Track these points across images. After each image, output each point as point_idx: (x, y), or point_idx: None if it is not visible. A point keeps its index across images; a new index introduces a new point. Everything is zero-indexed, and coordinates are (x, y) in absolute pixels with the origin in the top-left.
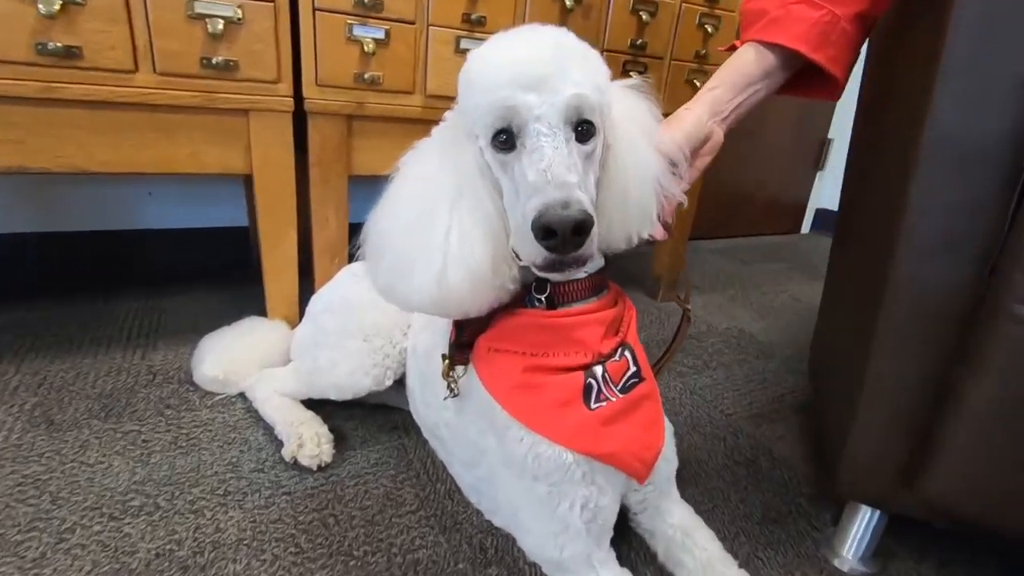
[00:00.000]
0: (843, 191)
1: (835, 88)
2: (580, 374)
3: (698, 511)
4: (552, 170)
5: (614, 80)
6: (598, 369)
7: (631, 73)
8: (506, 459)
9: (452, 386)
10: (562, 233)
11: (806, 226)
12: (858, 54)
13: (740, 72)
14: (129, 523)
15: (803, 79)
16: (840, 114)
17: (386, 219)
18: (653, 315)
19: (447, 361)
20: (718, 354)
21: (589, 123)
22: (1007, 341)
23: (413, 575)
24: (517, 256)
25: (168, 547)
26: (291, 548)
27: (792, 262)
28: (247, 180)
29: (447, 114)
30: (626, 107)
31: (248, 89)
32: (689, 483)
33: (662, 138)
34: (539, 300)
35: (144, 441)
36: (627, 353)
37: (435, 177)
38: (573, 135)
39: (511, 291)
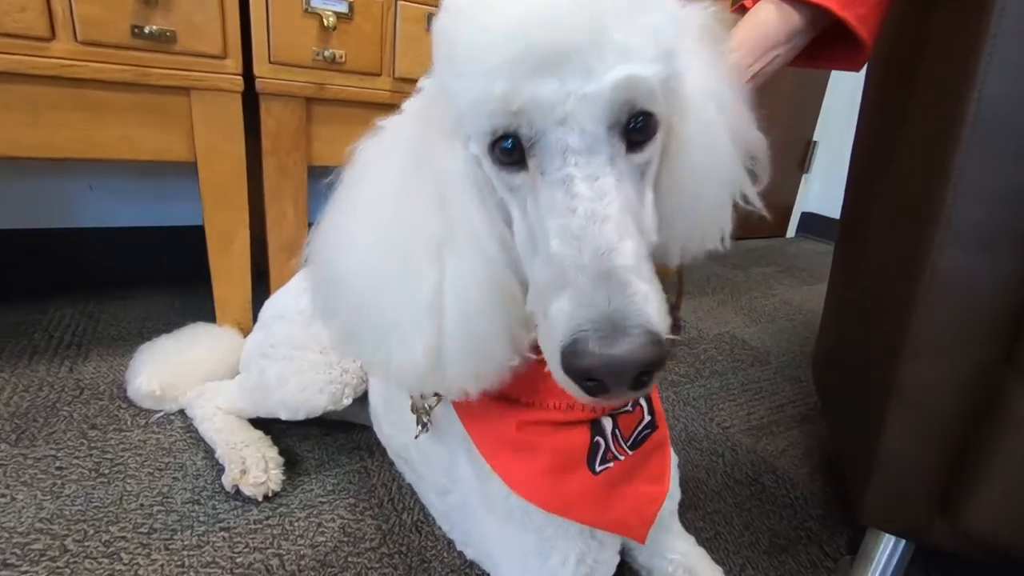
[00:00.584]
0: (847, 194)
1: (860, 54)
2: (585, 430)
3: (700, 539)
4: (589, 237)
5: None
6: (607, 423)
7: None
8: (486, 502)
9: (424, 420)
10: (614, 383)
11: (791, 230)
12: (886, 15)
13: (762, 33)
14: (27, 571)
15: (823, 46)
16: (825, 115)
17: (340, 248)
18: None
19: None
20: (711, 361)
21: (648, 115)
22: None
23: None
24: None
25: None
26: None
27: (780, 265)
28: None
29: (423, 83)
30: (704, 70)
31: (188, 64)
32: (688, 507)
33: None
34: None
35: (59, 468)
36: (642, 402)
37: (408, 194)
38: (624, 145)
39: (527, 359)
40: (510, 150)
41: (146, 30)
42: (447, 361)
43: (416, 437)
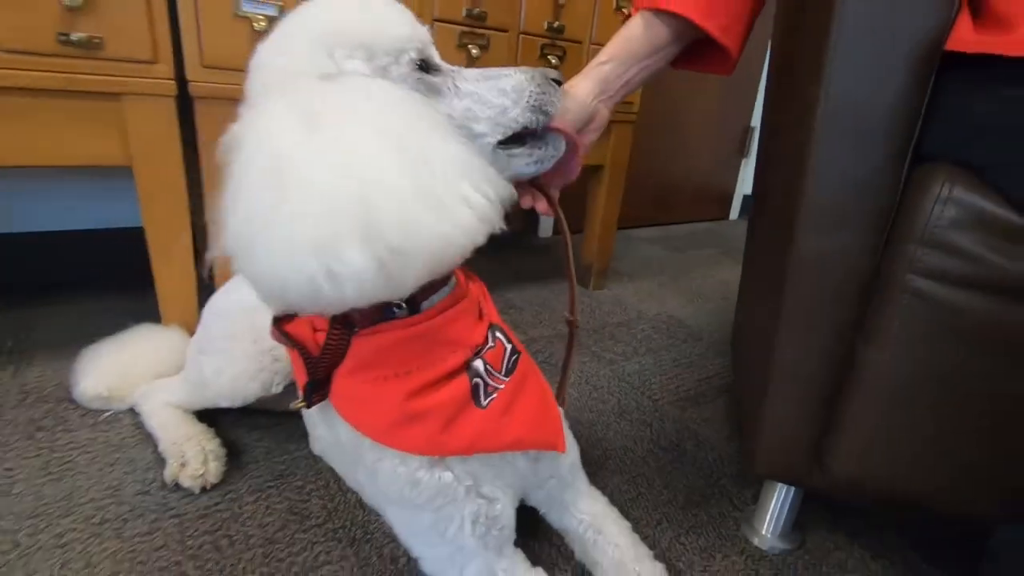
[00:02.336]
0: (755, 176)
1: (727, 61)
2: (464, 379)
3: (622, 499)
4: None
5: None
6: (479, 364)
7: (549, 57)
8: (383, 495)
9: (301, 404)
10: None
11: (734, 212)
12: (751, 26)
13: (630, 45)
14: None
15: (697, 52)
16: (762, 102)
17: (347, 179)
18: (585, 303)
19: (303, 404)
20: (647, 340)
21: None
22: (902, 312)
23: None
24: (514, 140)
25: None
26: None
27: (721, 247)
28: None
29: (264, 76)
30: None
31: (118, 70)
32: (615, 472)
33: None
34: (400, 306)
35: (7, 469)
36: (499, 335)
37: (373, 112)
38: None
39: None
40: (428, 64)
41: (72, 37)
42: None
43: (295, 406)
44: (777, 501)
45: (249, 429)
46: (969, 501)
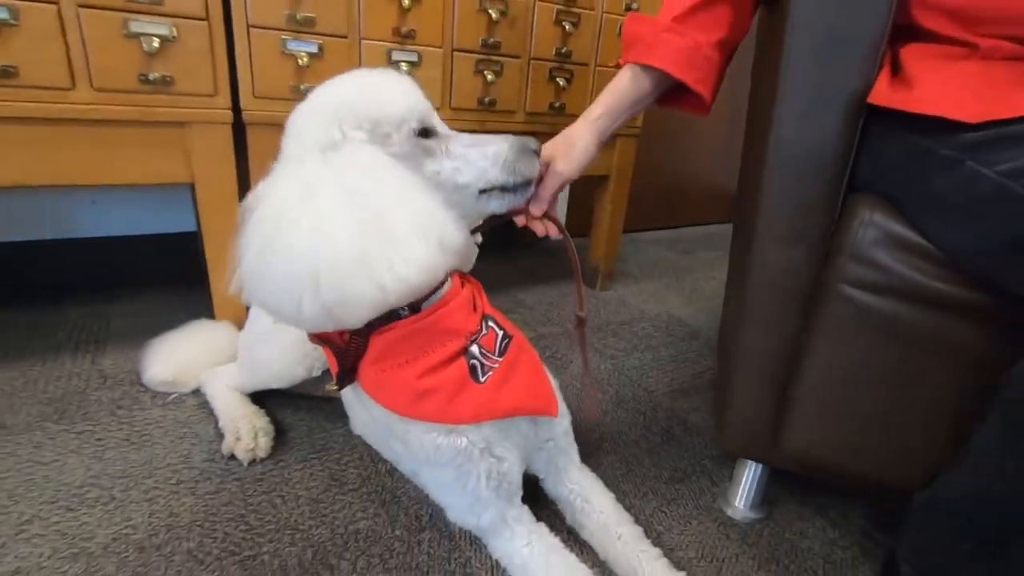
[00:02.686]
0: (736, 197)
1: (703, 105)
2: (462, 361)
3: (615, 475)
4: (483, 137)
5: None
6: (475, 348)
7: (558, 80)
8: (413, 458)
9: (336, 388)
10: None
11: None
12: (723, 75)
13: (619, 98)
14: (86, 513)
15: (678, 95)
16: None
17: (324, 240)
18: (591, 303)
19: (336, 387)
20: (647, 337)
21: None
22: (835, 314)
23: (355, 543)
24: (495, 189)
25: (124, 532)
26: (241, 526)
27: (726, 250)
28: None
29: (290, 142)
30: None
31: (186, 103)
32: (609, 452)
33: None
34: (403, 310)
35: (98, 439)
36: (491, 323)
37: (352, 181)
38: None
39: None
40: (427, 131)
41: (150, 76)
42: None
43: (329, 389)
44: (747, 477)
45: (293, 410)
46: (894, 472)
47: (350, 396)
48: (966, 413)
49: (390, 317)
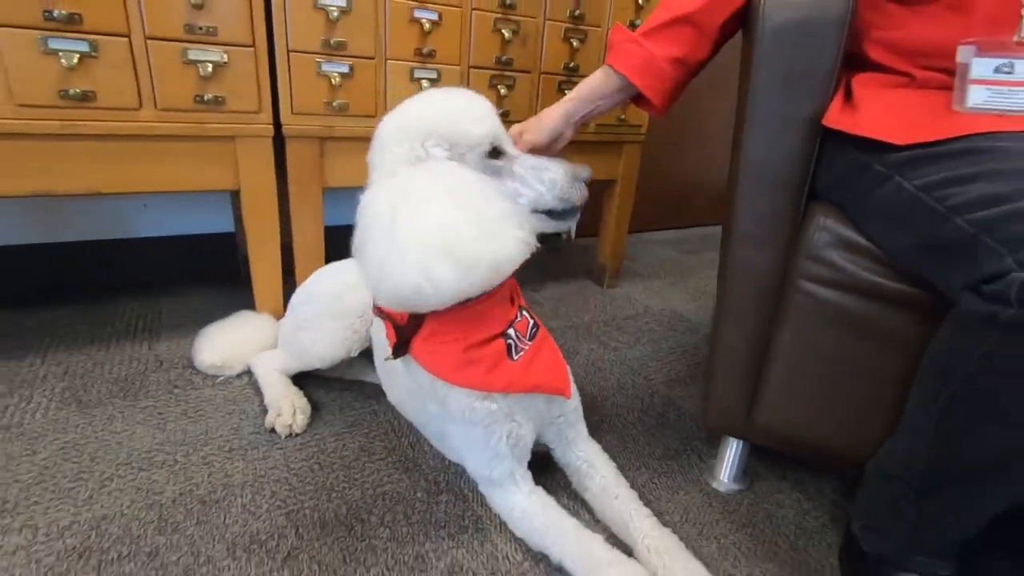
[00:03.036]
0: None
1: (655, 108)
2: (501, 341)
3: (612, 451)
4: (546, 160)
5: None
6: (511, 331)
7: (566, 92)
8: (450, 417)
9: (392, 354)
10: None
11: None
12: (678, 87)
13: (591, 89)
14: (155, 473)
15: (643, 98)
16: None
17: (431, 231)
18: (598, 299)
19: (392, 357)
20: (649, 331)
21: None
22: (796, 307)
23: (382, 502)
24: (544, 213)
25: (188, 488)
26: (285, 487)
27: None
28: (234, 192)
29: (378, 157)
30: None
31: (234, 119)
32: (608, 432)
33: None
34: None
35: (159, 413)
36: (525, 313)
37: (449, 186)
38: None
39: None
40: (497, 152)
41: (205, 97)
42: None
43: (387, 359)
44: (730, 453)
45: (327, 391)
46: (848, 444)
47: (392, 371)
48: (905, 391)
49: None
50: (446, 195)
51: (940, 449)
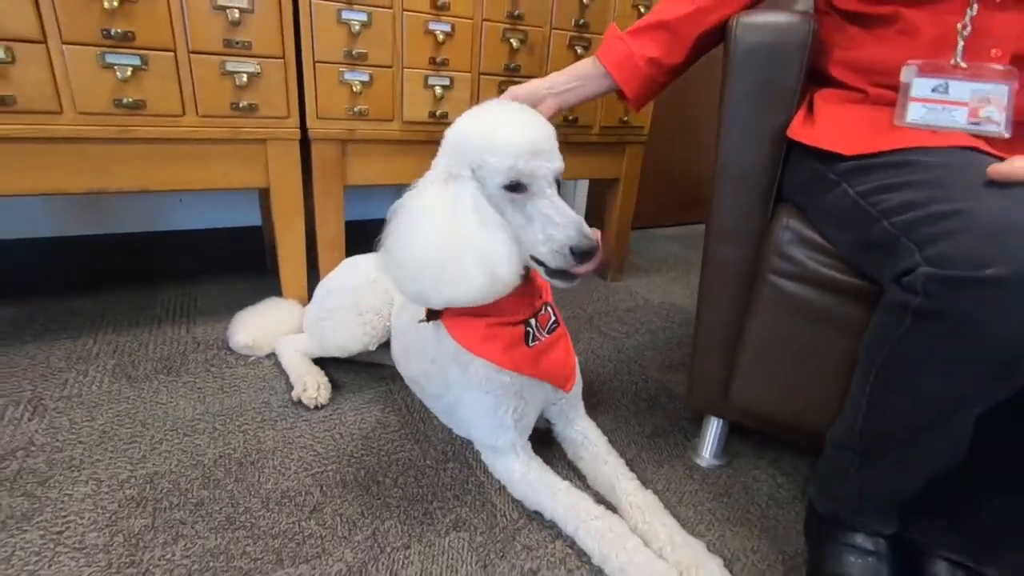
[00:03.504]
0: None
1: (630, 101)
2: (521, 328)
3: (606, 429)
4: (564, 211)
5: None
6: (533, 321)
7: None
8: (467, 384)
9: (427, 319)
10: (580, 251)
11: None
12: (653, 85)
13: (576, 70)
14: (198, 439)
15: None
16: None
17: (419, 243)
18: (601, 292)
19: (426, 320)
20: (648, 323)
21: (559, 182)
22: (765, 297)
23: (395, 467)
24: (537, 261)
25: (227, 452)
26: (310, 452)
27: None
28: (262, 190)
29: (437, 161)
30: None
31: (265, 124)
32: (603, 412)
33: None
34: None
35: (199, 388)
36: (548, 309)
37: (447, 210)
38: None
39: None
40: (514, 187)
41: (240, 104)
42: (500, 278)
43: (420, 321)
44: (711, 431)
45: (346, 372)
46: (810, 419)
47: (411, 351)
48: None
49: None
50: (440, 219)
51: (872, 419)
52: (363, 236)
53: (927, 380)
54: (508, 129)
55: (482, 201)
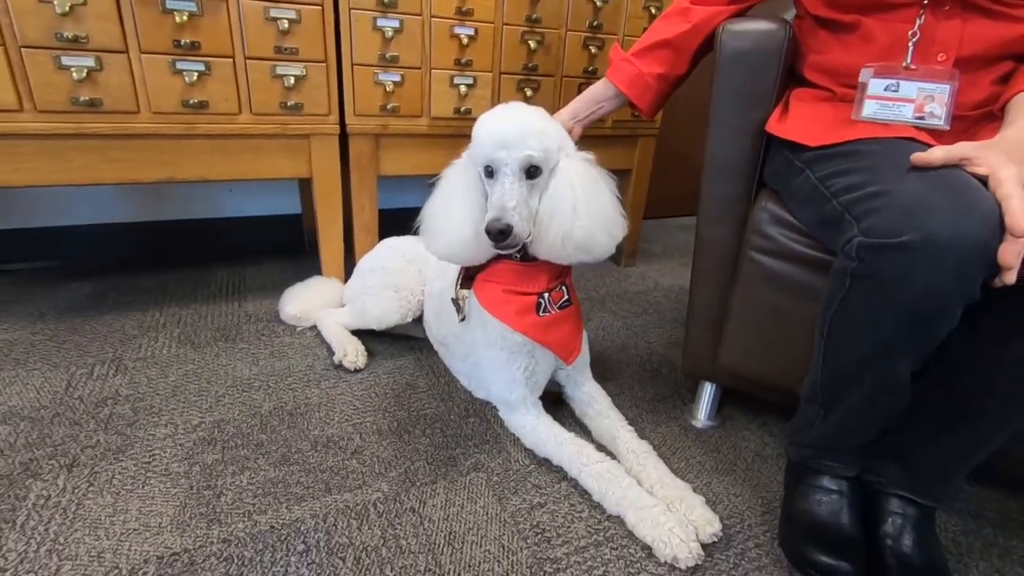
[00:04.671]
0: None
1: (644, 112)
2: (535, 298)
3: (610, 393)
4: (502, 198)
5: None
6: (546, 295)
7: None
8: (486, 341)
9: (461, 306)
10: (493, 232)
11: None
12: (662, 96)
13: (592, 95)
14: (254, 394)
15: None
16: None
17: (430, 208)
18: (613, 276)
19: (459, 286)
20: (656, 304)
21: (536, 168)
22: (747, 272)
23: (423, 421)
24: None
25: (280, 406)
26: (350, 407)
27: None
28: (303, 181)
29: (464, 153)
30: (570, 165)
31: (309, 121)
32: (609, 380)
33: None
34: (516, 256)
35: (253, 353)
36: (563, 288)
37: (455, 185)
38: (524, 175)
39: (490, 253)
40: (489, 172)
41: (288, 103)
42: (457, 243)
43: (460, 321)
44: (705, 395)
45: (380, 342)
46: (788, 381)
47: (443, 315)
48: None
49: (508, 256)
50: (435, 199)
51: (826, 371)
52: (395, 222)
53: (861, 330)
54: (486, 124)
55: (471, 182)
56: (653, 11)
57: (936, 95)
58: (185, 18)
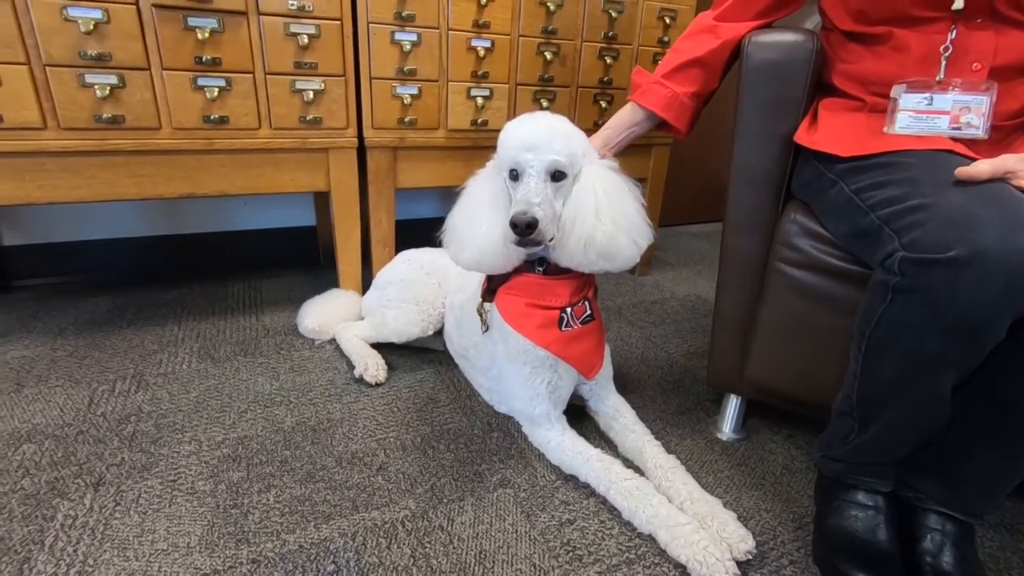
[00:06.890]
0: None
1: (680, 133)
2: (557, 312)
3: (633, 406)
4: (527, 195)
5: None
6: (568, 310)
7: (601, 102)
8: (508, 355)
9: (484, 317)
10: (520, 225)
11: None
12: (696, 114)
13: (620, 120)
14: (276, 410)
15: (667, 124)
16: None
17: (455, 217)
18: (629, 285)
19: (482, 299)
20: (674, 313)
21: (561, 172)
22: (775, 283)
23: (446, 436)
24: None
25: (302, 420)
26: (373, 422)
27: None
28: (318, 193)
29: (488, 163)
30: (593, 172)
31: (328, 135)
32: (631, 392)
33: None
34: (539, 269)
35: (273, 368)
36: (586, 303)
37: (480, 193)
38: (549, 178)
39: (516, 261)
40: (515, 176)
41: (307, 117)
42: (484, 252)
43: (484, 332)
44: (731, 408)
45: (399, 355)
46: (816, 394)
47: (465, 326)
48: None
49: (530, 270)
50: (468, 199)
51: (864, 385)
52: (409, 233)
53: (904, 343)
54: (513, 129)
55: (497, 190)
56: (667, 21)
57: (972, 106)
58: (207, 35)
